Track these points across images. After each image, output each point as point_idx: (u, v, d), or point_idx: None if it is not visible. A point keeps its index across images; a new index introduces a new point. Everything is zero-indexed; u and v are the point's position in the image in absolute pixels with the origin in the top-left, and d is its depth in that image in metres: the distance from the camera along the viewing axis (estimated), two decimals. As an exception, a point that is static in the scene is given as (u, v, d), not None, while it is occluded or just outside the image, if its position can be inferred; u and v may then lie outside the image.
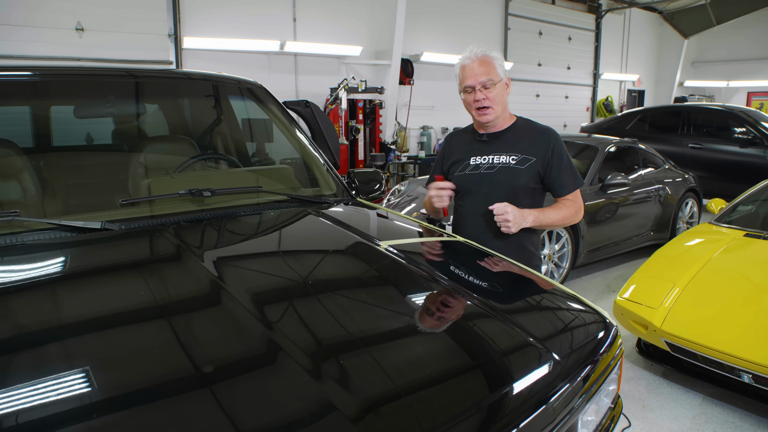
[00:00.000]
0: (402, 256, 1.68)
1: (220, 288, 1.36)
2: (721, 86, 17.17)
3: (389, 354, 1.19)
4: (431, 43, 10.97)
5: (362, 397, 1.02)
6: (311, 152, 2.60)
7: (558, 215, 2.15)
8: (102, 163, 2.46)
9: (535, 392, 1.13)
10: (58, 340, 1.13)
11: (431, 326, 1.33)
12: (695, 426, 2.95)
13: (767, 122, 8.58)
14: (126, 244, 1.67)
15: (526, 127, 2.24)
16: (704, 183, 7.25)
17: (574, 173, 2.20)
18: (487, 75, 2.10)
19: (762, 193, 4.56)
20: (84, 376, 1.00)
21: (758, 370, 2.72)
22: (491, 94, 2.11)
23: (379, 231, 2.00)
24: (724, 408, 3.10)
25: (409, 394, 1.04)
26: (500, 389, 1.11)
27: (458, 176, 2.25)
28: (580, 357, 1.28)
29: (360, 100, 9.27)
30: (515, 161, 2.15)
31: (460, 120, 11.90)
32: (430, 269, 1.63)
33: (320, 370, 1.06)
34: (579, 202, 2.22)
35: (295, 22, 9.09)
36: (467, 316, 1.41)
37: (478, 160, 2.20)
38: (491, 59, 2.12)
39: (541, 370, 1.19)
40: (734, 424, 2.96)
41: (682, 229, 6.43)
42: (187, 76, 2.71)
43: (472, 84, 2.12)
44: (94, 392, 0.96)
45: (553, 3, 13.79)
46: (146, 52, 7.72)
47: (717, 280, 3.35)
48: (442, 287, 1.53)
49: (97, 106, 2.47)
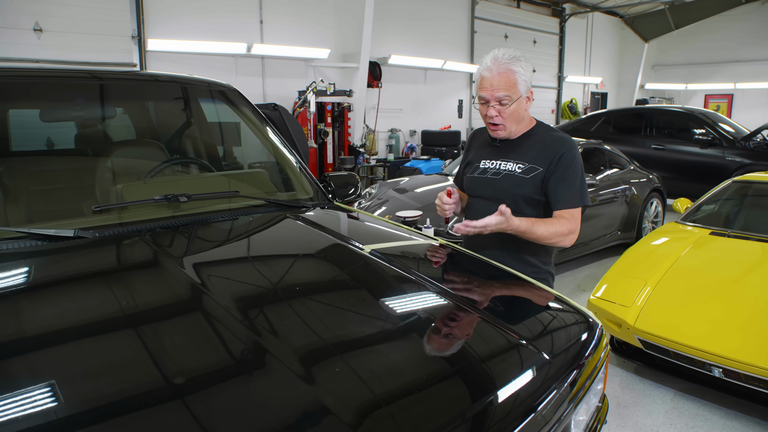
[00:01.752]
0: (386, 260, 1.66)
1: (204, 295, 1.32)
2: (680, 89, 17.71)
3: (381, 357, 1.17)
4: (399, 46, 11.00)
5: (360, 401, 1.00)
6: (287, 156, 2.56)
7: (547, 231, 1.95)
8: (68, 169, 2.36)
9: (529, 394, 1.12)
10: (42, 352, 1.07)
11: (422, 330, 1.31)
12: (668, 420, 3.01)
13: (725, 124, 8.89)
14: (102, 252, 1.61)
15: (541, 134, 2.09)
16: (667, 183, 7.45)
17: (576, 190, 2.00)
18: (505, 91, 1.94)
19: (724, 192, 4.71)
20: (73, 389, 0.95)
21: (728, 364, 2.79)
22: (506, 112, 1.97)
23: (361, 235, 1.98)
24: (695, 402, 3.18)
25: (406, 396, 1.03)
26: (496, 391, 1.10)
27: (468, 178, 2.21)
28: (570, 357, 1.28)
29: (328, 103, 9.22)
30: (521, 170, 2.03)
31: (429, 123, 11.97)
32: (416, 273, 1.61)
33: (310, 376, 1.04)
34: (574, 223, 2.00)
35: (261, 24, 8.99)
36: (457, 318, 1.39)
37: (487, 164, 2.13)
38: (514, 73, 1.94)
39: (533, 372, 1.19)
40: (705, 417, 3.03)
41: (647, 229, 6.58)
42: (156, 78, 2.64)
43: (486, 97, 1.98)
44: (86, 404, 0.92)
45: (518, 7, 14.00)
46: (109, 54, 7.52)
47: (686, 277, 3.43)
48: (429, 290, 1.52)
49: (65, 109, 2.38)
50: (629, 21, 16.73)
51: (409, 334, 1.29)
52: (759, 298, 3.13)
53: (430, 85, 12.12)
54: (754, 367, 2.72)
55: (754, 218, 4.37)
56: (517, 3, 13.97)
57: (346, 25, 9.80)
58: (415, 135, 11.81)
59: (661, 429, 2.93)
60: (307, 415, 0.96)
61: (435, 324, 1.34)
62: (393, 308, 1.42)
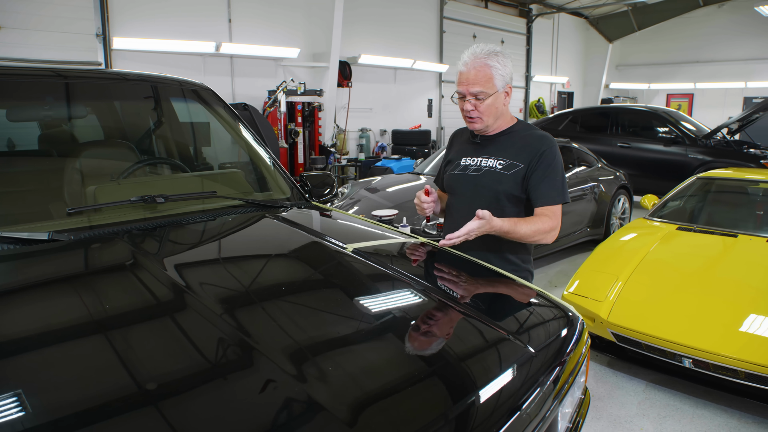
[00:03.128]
0: (369, 259, 1.66)
1: (190, 296, 1.29)
2: (642, 88, 18.19)
3: (371, 354, 1.17)
4: (369, 46, 11.00)
5: (354, 397, 0.99)
6: (263, 155, 2.54)
7: (530, 229, 1.95)
8: (37, 170, 2.29)
9: (518, 388, 1.14)
10: (28, 355, 1.04)
11: (409, 327, 1.32)
12: (641, 411, 3.09)
13: (687, 122, 9.17)
14: (78, 255, 1.56)
15: (522, 132, 2.11)
16: (633, 180, 7.63)
17: (557, 187, 2.01)
18: (480, 86, 1.95)
19: (688, 189, 4.86)
20: (61, 393, 0.92)
21: (697, 355, 2.88)
22: (482, 106, 1.98)
23: (342, 234, 1.97)
24: (666, 393, 3.27)
25: (402, 390, 1.03)
26: (488, 384, 1.12)
27: (448, 175, 2.21)
28: (554, 351, 1.31)
29: (299, 102, 9.17)
30: (501, 166, 2.04)
31: (399, 122, 12.01)
32: (400, 271, 1.62)
33: (298, 374, 1.03)
34: (556, 220, 2.01)
35: (230, 23, 8.88)
36: (442, 314, 1.40)
37: (468, 161, 2.13)
38: (490, 68, 1.94)
39: (522, 366, 1.21)
40: (675, 407, 3.12)
41: (615, 225, 6.73)
42: (124, 77, 2.58)
43: (462, 92, 2.00)
44: (74, 407, 0.90)
45: (486, 7, 14.16)
46: (72, 52, 7.32)
47: (655, 271, 3.53)
48: (415, 288, 1.52)
49: (33, 108, 2.30)
50: (594, 22, 17.10)
51: (398, 332, 1.30)
52: (724, 290, 3.24)
53: (400, 85, 12.16)
54: (721, 357, 2.81)
55: (717, 213, 4.53)
56: (485, 3, 14.12)
57: (316, 24, 9.76)
58: (385, 134, 11.84)
59: (635, 420, 3.01)
60: (294, 413, 0.96)
61: (422, 321, 1.34)
62: (378, 306, 1.42)
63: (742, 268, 3.50)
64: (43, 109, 2.35)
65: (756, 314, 2.97)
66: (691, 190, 4.84)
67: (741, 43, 16.00)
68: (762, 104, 8.11)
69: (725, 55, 16.32)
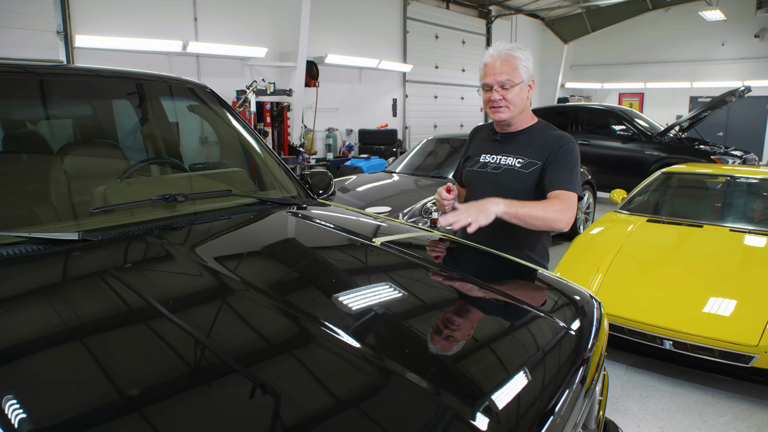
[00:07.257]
0: (399, 251, 1.74)
1: (241, 285, 1.35)
2: (596, 88, 18.84)
3: (434, 337, 1.26)
4: (335, 46, 11.03)
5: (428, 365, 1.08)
6: (269, 155, 2.58)
7: (541, 210, 1.91)
8: (45, 170, 2.26)
9: (570, 364, 1.26)
10: (83, 348, 1.07)
11: (462, 311, 1.42)
12: (624, 393, 3.28)
13: (642, 120, 9.60)
14: (115, 253, 1.58)
15: (542, 131, 2.15)
16: (594, 176, 7.95)
17: (573, 176, 2.02)
18: (506, 75, 2.02)
19: (652, 184, 5.14)
20: (121, 382, 0.97)
21: (677, 336, 3.09)
22: (509, 95, 2.04)
23: (364, 229, 2.04)
24: (645, 374, 3.48)
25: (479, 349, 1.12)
26: (544, 359, 1.23)
27: (468, 171, 2.26)
28: (587, 330, 1.43)
29: (267, 102, 9.13)
30: (521, 164, 2.09)
31: (365, 121, 12.08)
32: (431, 261, 1.71)
33: (364, 356, 1.11)
34: (569, 203, 1.96)
35: (196, 21, 8.76)
36: (485, 300, 1.52)
37: (488, 158, 2.18)
38: (515, 59, 2.03)
39: (565, 344, 1.32)
40: (656, 387, 3.33)
41: (581, 219, 7.00)
42: (119, 75, 2.57)
43: (489, 82, 2.05)
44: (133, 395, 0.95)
45: (447, 8, 14.38)
46: (32, 49, 7.07)
47: (632, 261, 3.75)
48: (451, 277, 1.62)
49: (34, 107, 2.27)
50: (550, 23, 17.60)
51: (455, 315, 1.40)
52: (696, 275, 3.48)
53: (365, 84, 12.23)
54: (698, 337, 3.03)
55: (683, 206, 4.82)
56: (446, 4, 14.35)
57: (283, 24, 9.73)
58: (351, 134, 11.89)
59: (620, 401, 3.19)
60: (375, 382, 1.04)
61: (470, 306, 1.44)
62: (425, 295, 1.51)
63: (711, 254, 3.75)
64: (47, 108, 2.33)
65: (728, 297, 3.21)
66: (653, 186, 5.12)
67: (687, 46, 16.80)
68: (710, 103, 8.59)
69: (672, 56, 17.10)
